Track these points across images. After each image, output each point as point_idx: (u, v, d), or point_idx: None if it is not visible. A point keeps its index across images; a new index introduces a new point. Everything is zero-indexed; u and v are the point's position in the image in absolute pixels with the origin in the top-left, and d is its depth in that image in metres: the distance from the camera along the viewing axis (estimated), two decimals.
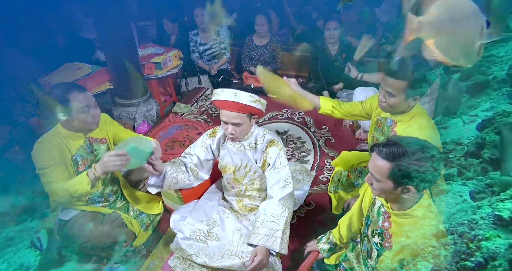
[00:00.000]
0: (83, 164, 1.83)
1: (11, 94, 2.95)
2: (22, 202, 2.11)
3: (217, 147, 1.93)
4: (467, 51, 1.23)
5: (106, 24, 2.85)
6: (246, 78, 3.81)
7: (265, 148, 1.82)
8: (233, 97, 1.62)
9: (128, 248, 2.02)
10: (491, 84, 2.56)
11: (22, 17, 3.17)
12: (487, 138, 1.94)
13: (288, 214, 1.74)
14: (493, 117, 2.10)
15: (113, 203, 2.05)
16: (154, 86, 3.47)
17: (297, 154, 2.82)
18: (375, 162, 1.24)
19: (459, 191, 1.27)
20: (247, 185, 1.94)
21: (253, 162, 1.86)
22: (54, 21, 3.56)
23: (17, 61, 3.03)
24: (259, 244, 1.66)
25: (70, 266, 1.92)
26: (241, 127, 1.71)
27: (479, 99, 2.49)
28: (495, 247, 1.15)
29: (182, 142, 3.04)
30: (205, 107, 3.59)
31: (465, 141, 1.72)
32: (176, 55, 3.56)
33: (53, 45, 3.48)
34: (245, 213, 1.99)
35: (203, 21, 3.73)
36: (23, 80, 2.97)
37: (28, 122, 2.68)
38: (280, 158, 1.79)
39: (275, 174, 1.79)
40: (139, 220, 2.06)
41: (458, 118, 2.42)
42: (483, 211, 1.27)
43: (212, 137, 1.92)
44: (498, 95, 2.39)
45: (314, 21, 4.33)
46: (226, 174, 1.95)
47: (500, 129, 1.33)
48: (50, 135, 1.76)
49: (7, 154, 2.71)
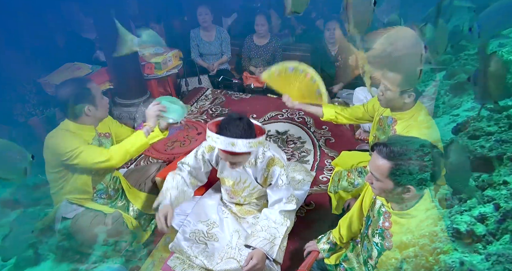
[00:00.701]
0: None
1: (11, 94, 2.95)
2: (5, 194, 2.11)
3: (215, 161, 1.88)
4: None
5: (106, 24, 2.85)
6: (246, 78, 3.81)
7: (266, 166, 1.77)
8: (230, 147, 1.52)
9: (128, 248, 2.02)
10: None
11: (22, 17, 3.17)
12: (460, 143, 1.96)
13: (289, 224, 1.75)
14: (467, 121, 2.12)
15: (114, 202, 2.05)
16: (154, 86, 3.47)
17: (297, 154, 2.82)
18: (376, 162, 1.24)
19: (430, 197, 1.29)
20: (246, 197, 1.93)
21: (253, 179, 1.83)
22: (54, 21, 3.55)
23: (17, 61, 3.03)
24: (257, 246, 1.66)
25: (46, 265, 1.91)
26: (241, 161, 1.69)
27: (461, 99, 2.49)
28: (452, 261, 1.17)
29: (182, 142, 3.04)
30: (205, 107, 3.58)
31: (441, 144, 1.74)
32: (176, 55, 3.56)
33: (53, 45, 3.48)
34: (243, 216, 1.99)
35: (206, 20, 3.71)
36: (23, 80, 2.97)
37: (28, 122, 2.68)
38: (282, 176, 1.75)
39: (277, 191, 1.77)
40: (139, 220, 2.07)
41: (441, 117, 2.42)
42: (443, 222, 1.28)
43: (210, 152, 1.86)
44: None
45: (314, 21, 4.33)
46: (225, 185, 1.93)
47: (449, 152, 1.36)
48: (60, 130, 1.78)
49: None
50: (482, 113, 2.09)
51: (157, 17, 4.20)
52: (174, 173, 1.88)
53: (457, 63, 2.94)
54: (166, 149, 2.96)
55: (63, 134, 1.76)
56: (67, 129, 1.78)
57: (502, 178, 1.58)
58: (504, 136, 1.82)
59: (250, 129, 1.56)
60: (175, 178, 1.84)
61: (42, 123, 2.75)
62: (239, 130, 1.52)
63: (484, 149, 1.82)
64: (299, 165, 2.61)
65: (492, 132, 1.92)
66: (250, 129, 1.56)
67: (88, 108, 1.75)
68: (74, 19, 3.75)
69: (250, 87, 3.76)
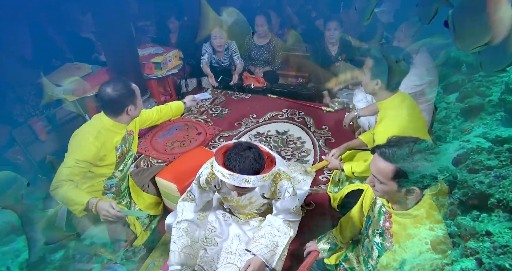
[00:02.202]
0: (121, 154, 1.92)
1: (11, 94, 2.95)
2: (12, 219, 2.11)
3: (218, 183, 1.73)
4: None
5: (106, 24, 2.85)
6: (246, 78, 3.81)
7: (272, 181, 1.68)
8: (244, 183, 1.39)
9: (128, 248, 2.02)
10: (485, 107, 2.46)
11: (22, 17, 3.17)
12: (458, 176, 1.90)
13: (292, 235, 1.73)
14: (467, 153, 2.03)
15: (121, 199, 2.06)
16: (154, 86, 3.47)
17: (297, 154, 2.82)
18: (378, 164, 1.22)
19: (425, 236, 1.20)
20: (251, 209, 1.91)
21: (259, 196, 1.76)
22: (54, 21, 3.55)
23: (17, 61, 3.03)
24: (257, 253, 1.64)
25: None
26: (251, 191, 1.61)
27: (472, 123, 2.41)
28: None
29: (182, 142, 3.04)
30: (205, 107, 3.59)
31: (440, 176, 1.68)
32: (176, 55, 3.55)
33: (53, 45, 3.48)
34: (246, 219, 1.97)
35: (221, 44, 3.58)
36: (23, 81, 2.97)
37: (28, 122, 2.68)
38: (289, 189, 1.68)
39: (284, 203, 1.72)
40: (140, 221, 2.07)
41: (451, 143, 2.34)
42: (443, 225, 1.23)
43: (215, 178, 1.68)
44: (492, 120, 2.29)
45: (314, 21, 4.33)
46: (228, 202, 1.87)
47: None
48: (94, 127, 1.80)
49: (7, 154, 2.71)
50: (483, 144, 2.00)
51: (157, 17, 4.20)
52: (176, 222, 1.76)
53: (470, 84, 2.80)
54: (166, 149, 2.96)
55: (95, 136, 1.76)
56: (103, 126, 1.80)
57: (486, 227, 1.50)
58: (504, 171, 1.72)
59: (261, 159, 1.43)
60: (178, 226, 1.74)
61: (42, 123, 2.75)
62: (251, 163, 1.39)
63: (482, 185, 1.71)
64: (299, 165, 2.61)
65: (492, 166, 1.83)
66: (261, 159, 1.43)
67: (130, 107, 1.81)
68: (74, 19, 3.75)
69: (250, 87, 3.76)
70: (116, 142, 1.87)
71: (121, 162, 1.95)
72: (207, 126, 3.26)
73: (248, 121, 3.30)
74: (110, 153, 1.84)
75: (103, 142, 1.78)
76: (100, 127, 1.80)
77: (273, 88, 3.70)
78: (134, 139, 2.06)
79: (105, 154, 1.81)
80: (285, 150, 2.87)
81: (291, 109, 3.42)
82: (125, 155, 1.98)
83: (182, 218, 1.75)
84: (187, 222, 1.75)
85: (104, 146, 1.79)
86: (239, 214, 1.98)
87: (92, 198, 1.67)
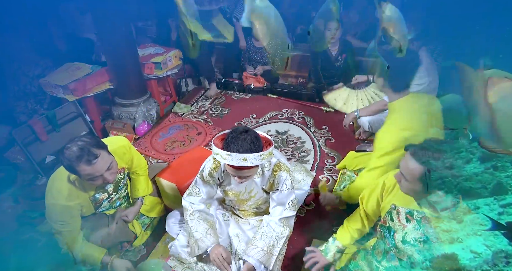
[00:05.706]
0: (104, 197, 1.86)
1: (11, 94, 2.95)
2: None
3: (220, 175, 1.78)
4: None
5: (106, 24, 2.85)
6: (246, 78, 3.81)
7: (272, 173, 1.73)
8: (242, 162, 1.45)
9: (128, 248, 2.02)
10: None
11: (22, 17, 3.16)
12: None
13: (289, 232, 1.73)
14: None
15: (119, 207, 2.04)
16: (154, 86, 3.47)
17: (297, 154, 2.82)
18: (408, 163, 1.22)
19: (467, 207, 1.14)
20: (251, 205, 1.91)
21: (260, 189, 1.79)
22: (54, 21, 3.55)
23: (17, 61, 3.03)
24: (254, 257, 1.64)
25: None
26: (251, 175, 1.62)
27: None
28: None
29: (182, 142, 3.04)
30: (205, 107, 3.59)
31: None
32: (176, 55, 3.55)
33: (53, 46, 3.48)
34: (246, 217, 1.97)
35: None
36: (23, 81, 2.97)
37: (29, 122, 2.68)
38: (287, 181, 1.71)
39: (280, 196, 1.74)
40: (140, 221, 2.07)
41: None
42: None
43: (218, 170, 1.75)
44: None
45: (314, 21, 4.32)
46: (228, 197, 1.88)
47: None
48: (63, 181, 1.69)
49: (7, 154, 2.71)
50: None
51: (157, 17, 4.19)
52: (188, 214, 1.80)
53: None
54: (166, 149, 2.96)
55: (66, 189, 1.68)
56: (74, 180, 1.69)
57: None
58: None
59: (258, 141, 1.50)
60: (192, 217, 1.78)
61: (42, 123, 2.75)
62: (248, 144, 1.45)
63: None
64: (299, 165, 2.60)
65: None
66: (258, 141, 1.50)
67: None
68: (74, 19, 3.75)
69: (250, 87, 3.76)
70: (90, 192, 1.78)
71: (114, 191, 1.91)
72: (207, 126, 3.26)
73: (248, 121, 3.30)
74: (85, 203, 1.79)
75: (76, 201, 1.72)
76: (69, 181, 1.69)
77: (273, 88, 3.71)
78: (130, 171, 1.99)
79: (84, 205, 1.77)
80: (285, 150, 2.87)
81: (291, 109, 3.42)
82: (116, 188, 1.92)
83: (193, 210, 1.79)
84: (199, 212, 1.79)
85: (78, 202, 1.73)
86: (239, 210, 1.98)
87: (105, 256, 1.79)
